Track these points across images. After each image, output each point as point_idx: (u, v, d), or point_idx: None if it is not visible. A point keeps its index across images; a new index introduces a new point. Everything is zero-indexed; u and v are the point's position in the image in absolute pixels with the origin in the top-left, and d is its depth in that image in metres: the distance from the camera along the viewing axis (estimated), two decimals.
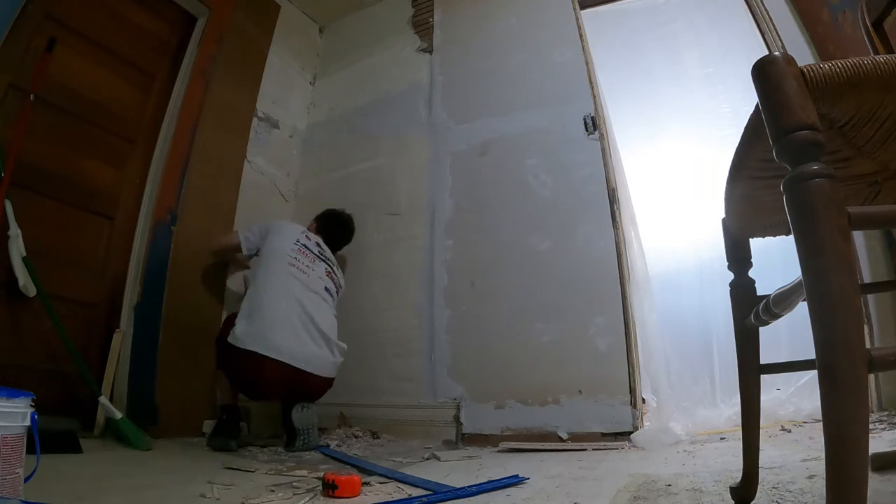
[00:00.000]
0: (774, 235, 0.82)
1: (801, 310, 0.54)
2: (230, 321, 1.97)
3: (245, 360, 1.81)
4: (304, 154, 3.00)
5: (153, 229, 2.18)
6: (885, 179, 0.66)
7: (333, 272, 2.17)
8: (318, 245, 2.19)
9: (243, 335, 1.82)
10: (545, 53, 2.38)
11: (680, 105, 2.43)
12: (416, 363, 2.25)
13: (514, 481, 1.13)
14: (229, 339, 1.84)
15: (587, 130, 2.15)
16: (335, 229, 2.34)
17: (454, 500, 1.02)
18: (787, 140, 0.47)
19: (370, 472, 1.33)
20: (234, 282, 2.41)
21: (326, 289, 2.09)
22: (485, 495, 1.05)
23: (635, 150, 2.36)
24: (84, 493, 1.07)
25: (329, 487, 1.06)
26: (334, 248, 2.31)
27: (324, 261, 2.16)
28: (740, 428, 0.87)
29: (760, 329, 0.84)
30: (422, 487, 1.13)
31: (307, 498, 1.06)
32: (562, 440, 1.82)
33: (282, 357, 1.82)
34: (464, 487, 1.07)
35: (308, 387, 1.93)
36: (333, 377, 2.03)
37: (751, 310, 0.80)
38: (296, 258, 2.03)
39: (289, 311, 1.91)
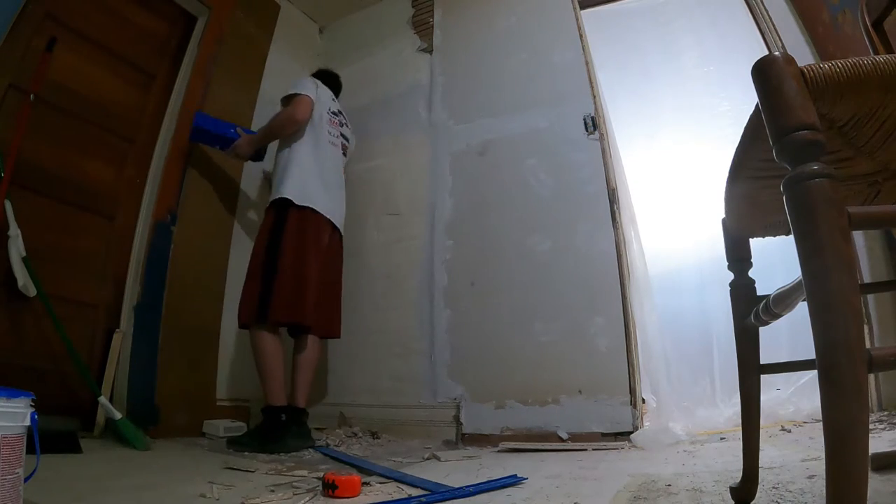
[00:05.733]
0: (774, 235, 0.82)
1: (801, 310, 0.54)
2: (252, 297, 1.93)
3: (300, 213, 2.01)
4: None
5: (153, 229, 2.18)
6: (885, 179, 0.66)
7: (345, 136, 2.37)
8: (339, 108, 2.37)
9: (299, 195, 2.01)
10: (545, 53, 2.38)
11: (680, 104, 2.43)
12: (416, 363, 2.25)
13: (513, 481, 1.13)
14: (286, 196, 2.00)
15: (587, 130, 2.15)
16: (335, 82, 2.48)
17: (453, 500, 1.02)
18: (787, 140, 0.47)
19: (370, 472, 1.33)
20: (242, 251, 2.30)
21: (343, 152, 2.33)
22: (484, 495, 1.05)
23: (635, 149, 2.36)
24: (84, 493, 1.07)
25: (329, 487, 1.06)
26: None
27: (340, 124, 2.34)
28: (740, 428, 0.86)
29: (760, 329, 0.84)
30: (421, 487, 1.13)
31: (307, 498, 1.06)
32: (562, 440, 1.82)
33: (328, 214, 2.09)
34: (462, 487, 1.07)
35: (334, 253, 2.15)
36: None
37: (751, 310, 0.80)
38: (329, 130, 2.23)
39: (327, 180, 2.14)
